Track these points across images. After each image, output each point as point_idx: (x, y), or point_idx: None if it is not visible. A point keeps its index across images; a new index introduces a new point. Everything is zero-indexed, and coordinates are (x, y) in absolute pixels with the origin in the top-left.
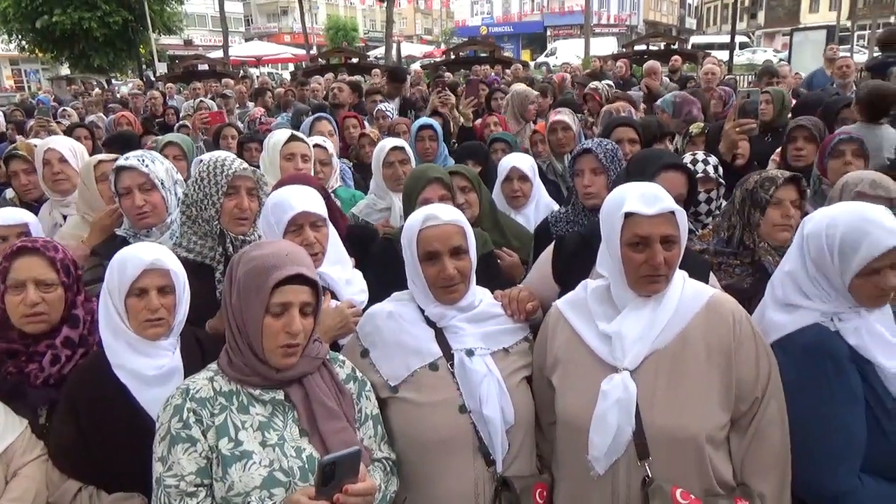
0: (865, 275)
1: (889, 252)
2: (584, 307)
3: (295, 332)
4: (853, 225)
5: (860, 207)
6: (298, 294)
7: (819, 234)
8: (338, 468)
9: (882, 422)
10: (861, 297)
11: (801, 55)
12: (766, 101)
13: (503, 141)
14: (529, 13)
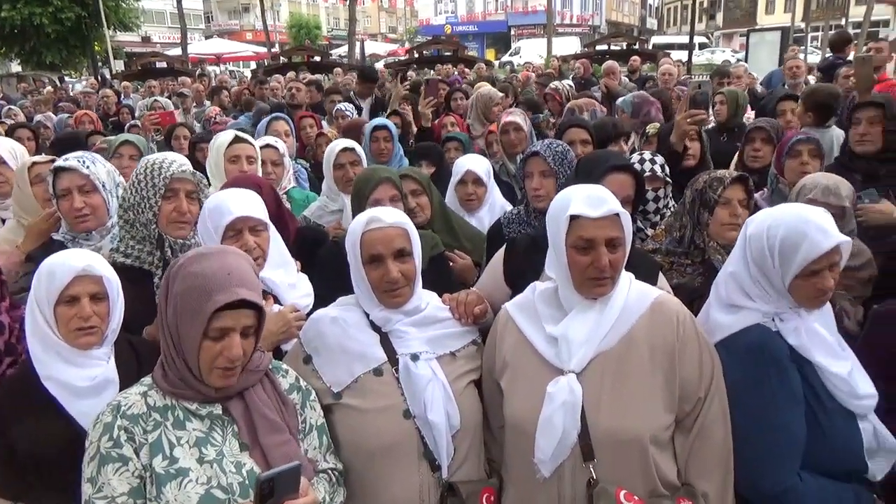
0: (804, 276)
1: (827, 254)
2: (532, 309)
3: (235, 358)
4: (792, 227)
5: (800, 210)
6: (240, 318)
7: (761, 236)
8: (277, 484)
9: (821, 420)
10: (800, 298)
11: (758, 55)
12: (720, 101)
13: (456, 140)
14: (493, 12)
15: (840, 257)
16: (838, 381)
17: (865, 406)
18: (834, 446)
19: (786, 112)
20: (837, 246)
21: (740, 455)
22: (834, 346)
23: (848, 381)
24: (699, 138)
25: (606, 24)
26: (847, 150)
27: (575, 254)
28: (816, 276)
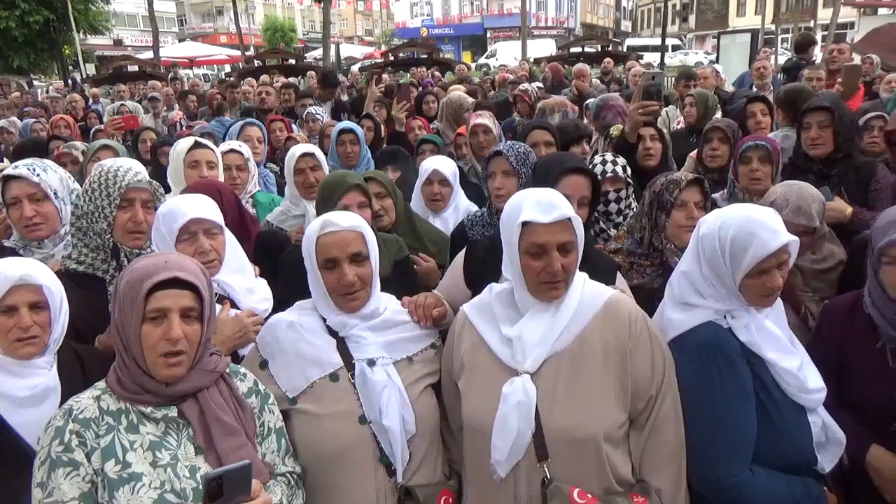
0: (754, 275)
1: (775, 253)
2: (488, 311)
3: (175, 337)
4: (742, 227)
5: (749, 210)
6: (177, 299)
7: (712, 236)
8: (225, 483)
9: (771, 414)
10: (750, 296)
11: (729, 57)
12: (690, 103)
13: (431, 143)
14: (469, 15)
15: (788, 256)
16: (788, 377)
17: (814, 400)
18: (784, 440)
19: (755, 113)
20: (786, 245)
21: (692, 450)
22: (784, 341)
23: (797, 375)
24: (661, 139)
25: (581, 27)
26: (800, 152)
27: (528, 259)
28: (765, 274)
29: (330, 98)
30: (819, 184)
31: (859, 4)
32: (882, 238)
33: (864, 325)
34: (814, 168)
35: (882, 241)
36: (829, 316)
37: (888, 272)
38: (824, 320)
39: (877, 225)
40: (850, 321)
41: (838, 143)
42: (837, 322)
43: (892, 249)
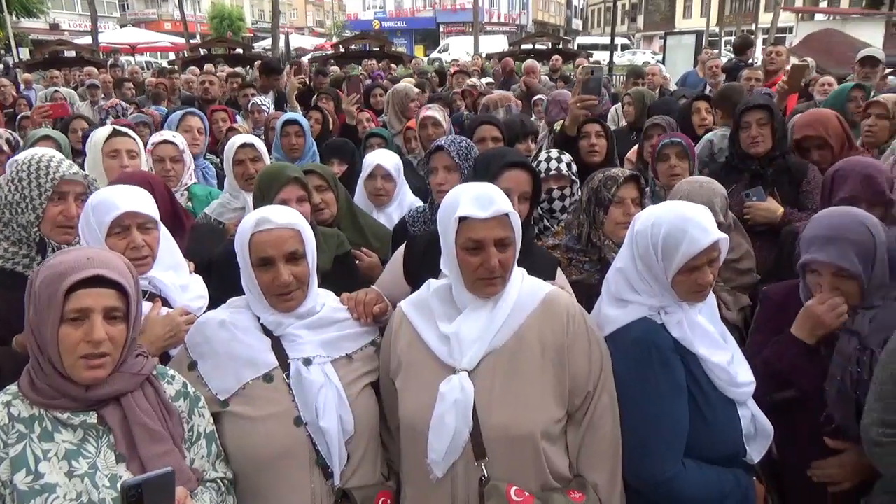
0: (685, 272)
1: (705, 251)
2: (426, 307)
3: (97, 339)
4: (674, 224)
5: (681, 208)
6: (99, 298)
7: (645, 234)
8: (146, 492)
9: (703, 408)
10: (682, 292)
11: (674, 56)
12: (627, 102)
13: (379, 136)
14: (422, 9)
15: (718, 253)
16: (719, 371)
17: (744, 393)
18: (715, 433)
19: (700, 111)
20: (716, 242)
21: (626, 445)
22: (715, 337)
23: (728, 370)
24: (606, 135)
25: (533, 24)
26: (738, 151)
27: (465, 254)
28: (697, 271)
29: (272, 87)
30: (753, 183)
31: (797, 10)
32: (805, 252)
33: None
34: (751, 167)
35: (803, 258)
36: (768, 303)
37: (810, 280)
38: (764, 305)
39: (804, 235)
40: (786, 309)
41: (776, 140)
42: (775, 309)
43: (812, 264)
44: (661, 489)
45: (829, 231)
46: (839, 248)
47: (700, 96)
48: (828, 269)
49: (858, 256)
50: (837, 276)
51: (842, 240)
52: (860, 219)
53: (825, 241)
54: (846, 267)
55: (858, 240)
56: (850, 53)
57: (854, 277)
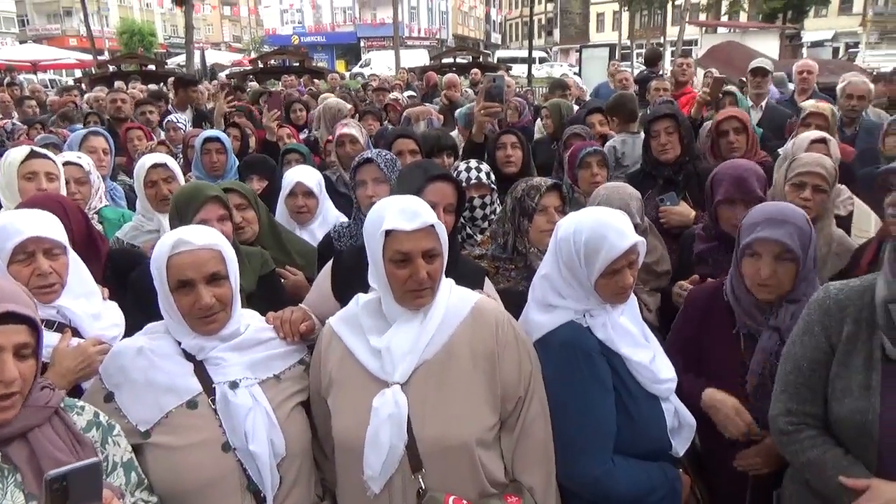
0: (607, 275)
1: (624, 254)
2: (356, 322)
3: (8, 380)
4: (594, 230)
5: (600, 214)
6: (10, 336)
7: (568, 240)
8: (72, 484)
9: (629, 406)
10: (605, 294)
11: (589, 69)
12: (545, 115)
13: (297, 152)
14: (342, 24)
15: (637, 256)
16: (642, 369)
17: (666, 389)
18: (641, 429)
19: (594, 124)
20: (634, 246)
21: (558, 446)
22: (638, 337)
23: (650, 368)
24: (521, 146)
25: (453, 38)
26: (650, 159)
27: (393, 267)
28: (617, 274)
29: (188, 102)
30: (666, 189)
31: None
32: (748, 235)
33: (722, 311)
34: (663, 174)
35: (747, 238)
36: (692, 301)
37: (748, 264)
38: (689, 304)
39: (745, 222)
40: (710, 307)
41: (684, 146)
42: (700, 307)
43: (755, 245)
44: (593, 487)
45: (775, 214)
46: (787, 229)
47: (592, 109)
48: (771, 249)
49: (800, 242)
50: (779, 258)
51: (787, 222)
52: (800, 210)
53: (771, 222)
54: (791, 246)
55: (800, 225)
56: (747, 64)
57: (794, 260)
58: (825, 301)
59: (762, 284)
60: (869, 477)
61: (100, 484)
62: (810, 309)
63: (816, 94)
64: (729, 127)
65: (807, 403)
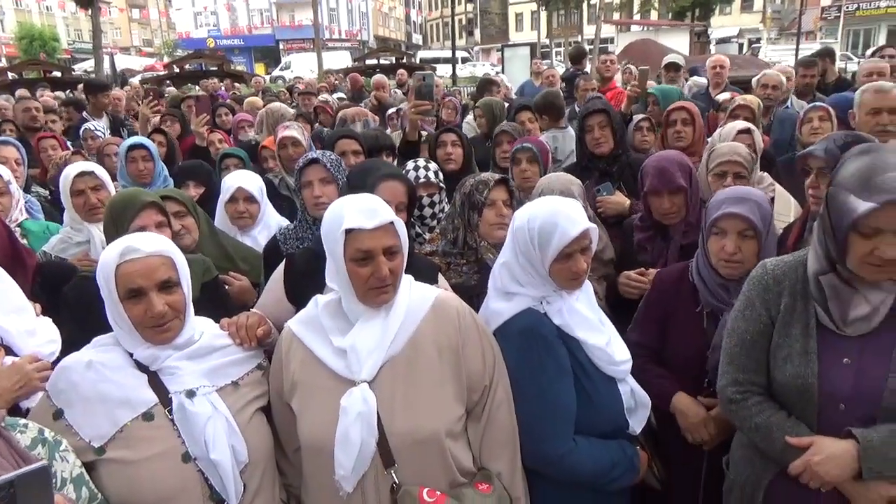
0: (560, 260)
1: (576, 239)
2: (317, 324)
3: None
4: (546, 218)
5: (552, 202)
6: None
7: (523, 228)
8: (19, 490)
9: (587, 388)
10: (560, 280)
11: (512, 67)
12: (478, 114)
13: (235, 156)
14: (260, 26)
15: (590, 241)
16: (598, 352)
17: (622, 371)
18: (600, 409)
19: (524, 122)
20: (586, 231)
21: (522, 429)
22: (593, 321)
23: (606, 350)
24: (462, 144)
25: (375, 39)
26: (585, 152)
27: (354, 266)
28: (570, 259)
29: (104, 107)
30: (602, 180)
31: (616, 22)
32: (715, 212)
33: (688, 291)
34: (598, 166)
35: (714, 214)
36: (660, 282)
37: (713, 241)
38: (656, 285)
39: (711, 201)
40: (676, 288)
41: (616, 139)
42: (666, 289)
43: (720, 222)
44: (558, 465)
45: (739, 193)
46: (749, 206)
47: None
48: (736, 225)
49: (761, 219)
50: (742, 234)
51: (750, 201)
52: (761, 192)
53: (736, 200)
54: (754, 222)
55: (762, 204)
56: (662, 60)
57: (756, 237)
58: (763, 277)
59: (728, 261)
60: (811, 435)
61: (50, 490)
62: (750, 285)
63: (729, 87)
64: (678, 117)
65: (751, 373)
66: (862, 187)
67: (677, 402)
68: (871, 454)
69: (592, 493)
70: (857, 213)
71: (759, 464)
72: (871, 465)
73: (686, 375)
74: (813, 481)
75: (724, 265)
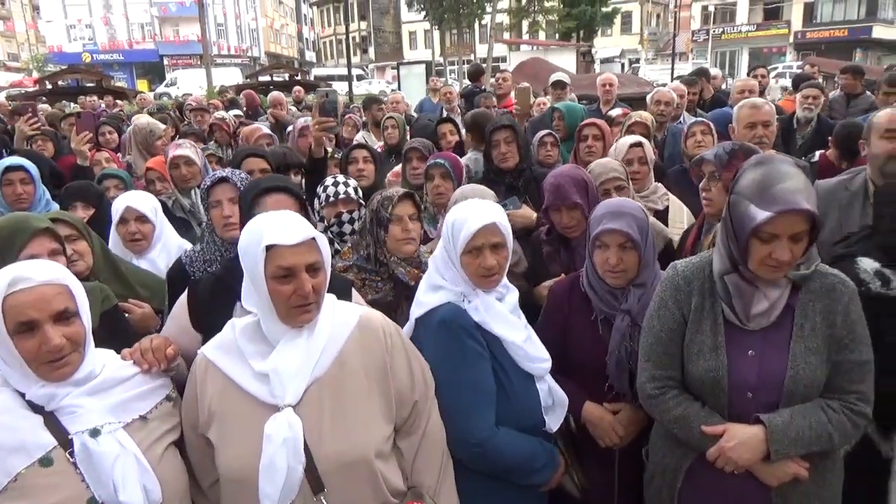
0: (469, 253)
1: (481, 232)
2: (234, 349)
3: None
4: (460, 214)
5: (471, 203)
6: None
7: (445, 224)
8: None
9: (505, 384)
10: (471, 275)
11: (408, 85)
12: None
13: (115, 177)
14: (142, 41)
15: (501, 240)
16: (516, 349)
17: (540, 369)
18: (517, 405)
19: (445, 134)
20: (493, 227)
21: (446, 417)
22: (512, 319)
23: (523, 347)
24: (373, 160)
25: (266, 56)
26: (492, 167)
27: (276, 284)
28: (479, 254)
29: None
30: (508, 195)
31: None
32: (596, 227)
33: (581, 301)
34: (505, 180)
35: (595, 230)
36: (555, 294)
37: (598, 254)
38: (551, 298)
39: (592, 217)
40: (570, 298)
41: (521, 154)
42: (561, 300)
43: (602, 237)
44: (480, 450)
45: (616, 208)
46: (626, 220)
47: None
48: (616, 238)
49: (639, 230)
50: (622, 247)
51: (627, 214)
52: (636, 203)
53: (614, 215)
54: (632, 234)
55: (638, 216)
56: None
57: (635, 248)
58: (674, 278)
59: (611, 272)
60: (724, 423)
61: None
62: (663, 286)
63: (618, 104)
64: (589, 133)
65: (668, 368)
66: (759, 197)
67: (586, 412)
68: (777, 437)
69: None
70: (756, 222)
71: (678, 452)
72: (777, 448)
73: (588, 381)
74: (728, 465)
75: (610, 276)
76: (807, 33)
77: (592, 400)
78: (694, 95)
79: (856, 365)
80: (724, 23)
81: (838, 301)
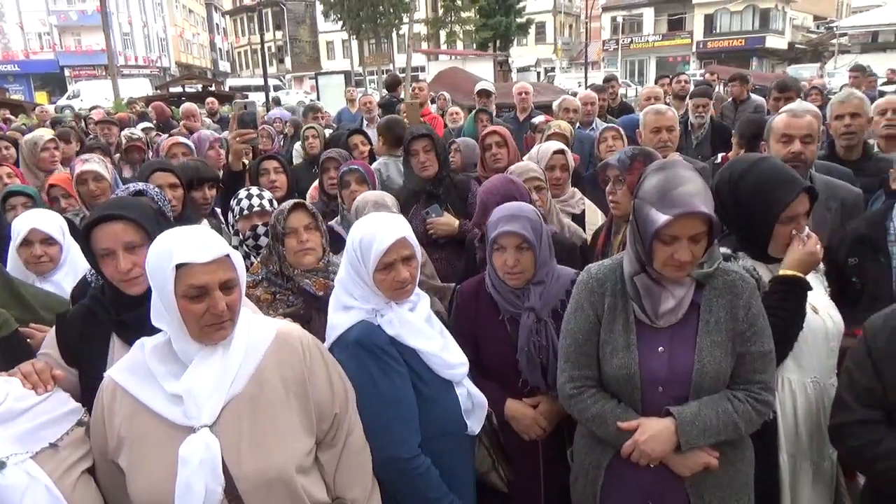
0: (382, 270)
1: (393, 248)
2: (144, 370)
3: None
4: (366, 230)
5: (374, 216)
6: None
7: (351, 242)
8: None
9: (424, 393)
10: (385, 289)
11: (327, 95)
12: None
13: (23, 195)
14: (39, 51)
15: (411, 252)
16: (433, 358)
17: (458, 374)
18: (438, 413)
19: (357, 145)
20: (404, 241)
21: (372, 437)
22: (426, 329)
23: (440, 356)
24: (284, 171)
25: (177, 67)
26: (412, 176)
27: (187, 303)
28: (392, 269)
29: None
30: (429, 203)
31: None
32: (493, 231)
33: (487, 302)
34: (426, 189)
35: (493, 233)
36: (462, 297)
37: (497, 257)
38: (459, 301)
39: (490, 220)
40: (477, 300)
41: (440, 162)
42: (468, 302)
43: (499, 239)
44: (406, 470)
45: (511, 212)
46: (521, 223)
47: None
48: (513, 241)
49: (533, 231)
50: (519, 248)
51: (521, 217)
52: (530, 206)
53: (509, 218)
54: (527, 236)
55: (532, 218)
56: (471, 87)
57: (531, 248)
58: (588, 281)
59: (510, 273)
60: (638, 418)
61: None
62: (578, 289)
63: (534, 111)
64: (492, 141)
65: (585, 368)
66: (660, 201)
67: (508, 409)
68: (686, 428)
69: None
70: (658, 225)
71: (598, 450)
72: (686, 439)
73: (503, 379)
74: (643, 459)
75: (509, 277)
76: (708, 43)
77: (510, 396)
78: (604, 101)
79: (758, 356)
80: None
81: (740, 296)
